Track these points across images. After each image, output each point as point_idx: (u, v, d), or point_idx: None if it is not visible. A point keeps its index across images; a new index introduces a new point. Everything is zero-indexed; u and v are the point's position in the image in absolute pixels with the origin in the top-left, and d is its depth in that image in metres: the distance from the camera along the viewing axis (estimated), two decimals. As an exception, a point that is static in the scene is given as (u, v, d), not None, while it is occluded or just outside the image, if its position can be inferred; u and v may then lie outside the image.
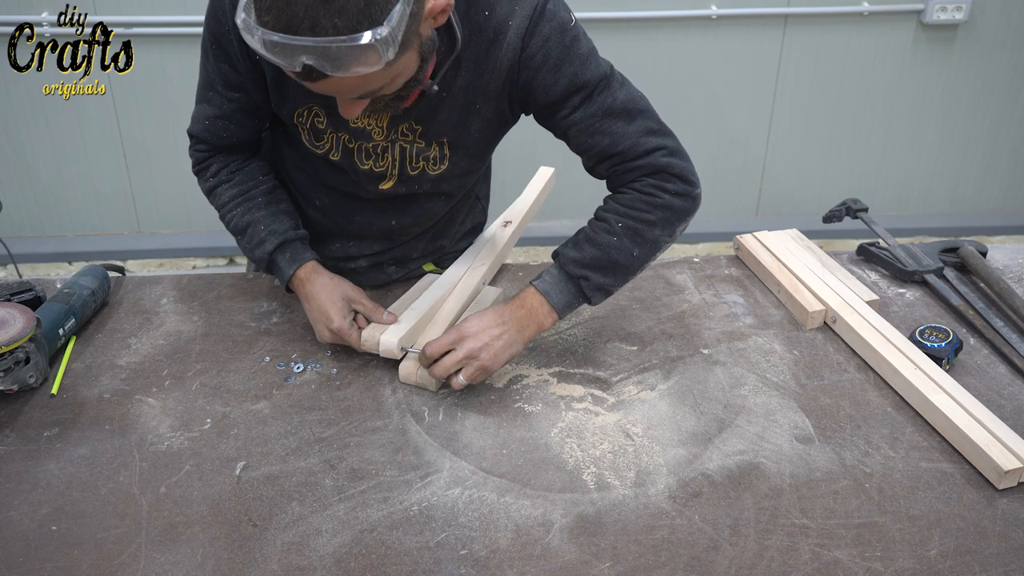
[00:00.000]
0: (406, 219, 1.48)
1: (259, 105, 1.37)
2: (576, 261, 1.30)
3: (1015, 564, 1.04)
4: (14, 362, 1.26)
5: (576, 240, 1.33)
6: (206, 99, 1.38)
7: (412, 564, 1.04)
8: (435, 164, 1.38)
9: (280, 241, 1.39)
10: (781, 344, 1.43)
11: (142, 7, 3.01)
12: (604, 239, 1.30)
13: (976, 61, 3.36)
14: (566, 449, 1.21)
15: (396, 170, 1.39)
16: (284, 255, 1.39)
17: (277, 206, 1.43)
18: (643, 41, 3.24)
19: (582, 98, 1.28)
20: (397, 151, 1.36)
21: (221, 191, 1.43)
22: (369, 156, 1.37)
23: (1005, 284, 1.53)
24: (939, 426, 1.24)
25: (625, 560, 1.04)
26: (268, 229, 1.39)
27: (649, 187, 1.31)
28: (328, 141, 1.37)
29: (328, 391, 1.32)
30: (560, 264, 1.32)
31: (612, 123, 1.29)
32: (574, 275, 1.31)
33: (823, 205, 1.97)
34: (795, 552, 1.05)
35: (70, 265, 3.39)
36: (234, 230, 1.43)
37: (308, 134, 1.37)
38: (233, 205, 1.42)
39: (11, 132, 3.17)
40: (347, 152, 1.38)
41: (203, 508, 1.11)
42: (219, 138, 1.41)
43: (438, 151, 1.37)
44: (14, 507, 1.11)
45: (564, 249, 1.33)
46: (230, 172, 1.44)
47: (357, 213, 1.48)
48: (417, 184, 1.41)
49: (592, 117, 1.29)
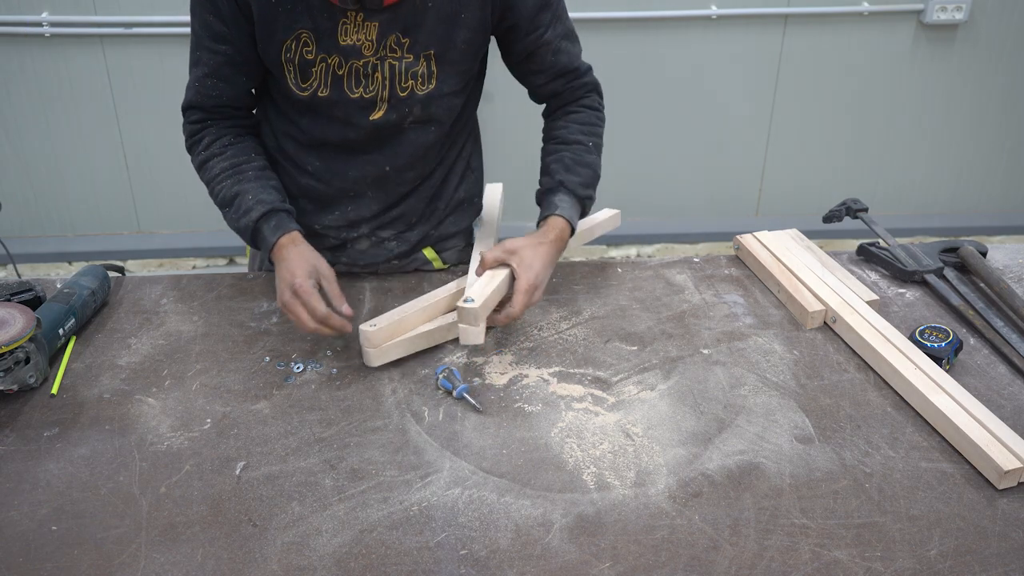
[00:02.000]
0: (398, 161, 1.51)
1: (246, 58, 1.42)
2: (582, 184, 1.49)
3: (1015, 564, 1.04)
4: (14, 362, 1.27)
5: (567, 166, 1.49)
6: (195, 62, 1.44)
7: (412, 564, 1.04)
8: (423, 82, 1.42)
9: (267, 209, 1.41)
10: (781, 344, 1.43)
11: (142, 7, 3.01)
12: (589, 159, 1.52)
13: (976, 61, 3.36)
14: (566, 449, 1.21)
15: (386, 92, 1.42)
16: (269, 223, 1.41)
17: (267, 181, 1.46)
18: (643, 41, 3.24)
19: (551, 17, 1.45)
20: (387, 69, 1.40)
21: (213, 164, 1.46)
22: (359, 81, 1.41)
23: (1005, 284, 1.53)
24: (939, 426, 1.24)
25: (625, 560, 1.04)
26: (256, 199, 1.42)
27: (596, 103, 1.58)
28: (316, 76, 1.40)
29: (328, 391, 1.32)
30: (570, 189, 1.48)
31: (568, 43, 1.50)
32: (582, 196, 1.49)
33: (823, 205, 1.97)
34: (795, 552, 1.05)
35: (70, 265, 3.39)
36: (222, 201, 1.45)
37: (295, 73, 1.40)
38: (223, 177, 1.45)
39: (11, 132, 3.17)
40: (336, 82, 1.41)
41: (203, 508, 1.11)
42: (209, 98, 1.45)
43: (425, 66, 1.41)
44: (14, 507, 1.11)
45: (566, 176, 1.48)
46: (222, 146, 1.47)
47: (350, 167, 1.51)
48: (407, 108, 1.44)
49: (558, 37, 1.47)
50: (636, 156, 3.44)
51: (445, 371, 1.32)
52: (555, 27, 1.46)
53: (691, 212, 3.62)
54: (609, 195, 3.50)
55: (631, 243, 3.59)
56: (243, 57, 1.42)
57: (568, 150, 1.51)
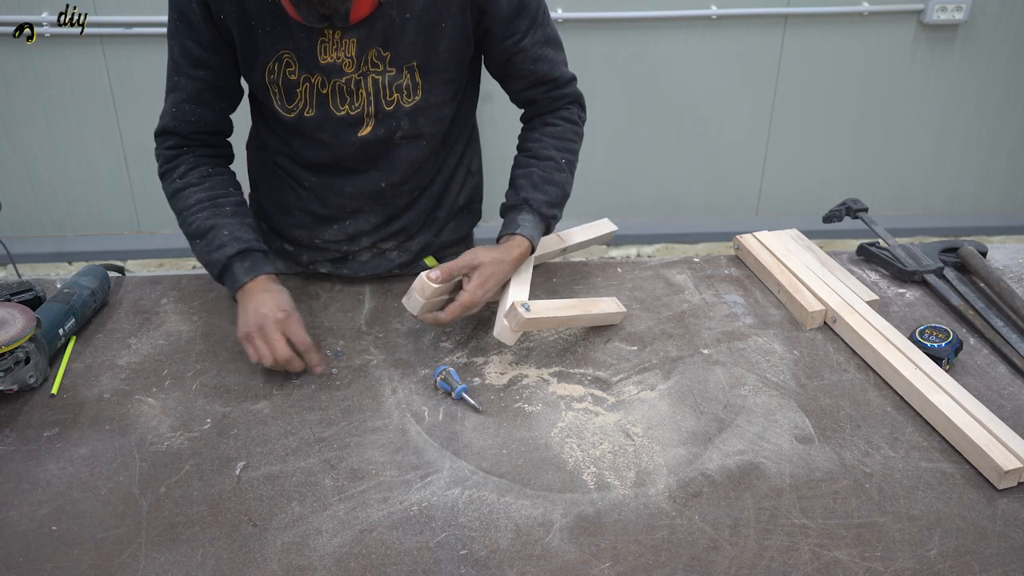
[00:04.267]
0: (393, 176, 1.50)
1: (226, 82, 1.41)
2: (547, 203, 1.47)
3: (1015, 564, 1.04)
4: (14, 362, 1.27)
5: (535, 183, 1.47)
6: (173, 87, 1.42)
7: (412, 564, 1.04)
8: (409, 95, 1.41)
9: (242, 248, 1.38)
10: (781, 344, 1.43)
11: (142, 7, 3.01)
12: (559, 177, 1.49)
13: (976, 61, 3.36)
14: (566, 449, 1.21)
15: (372, 108, 1.41)
16: (243, 263, 1.38)
17: (243, 218, 1.43)
18: (643, 41, 3.24)
19: (529, 23, 1.42)
20: (370, 84, 1.39)
21: (189, 193, 1.43)
22: (344, 99, 1.40)
23: (1005, 284, 1.53)
24: (939, 426, 1.24)
25: (625, 560, 1.04)
26: (232, 235, 1.39)
27: (575, 116, 1.53)
28: (301, 96, 1.39)
29: (328, 391, 1.32)
30: (535, 208, 1.46)
31: (549, 51, 1.47)
32: (547, 215, 1.47)
33: (823, 205, 1.97)
34: (795, 552, 1.05)
35: (70, 265, 3.39)
36: (195, 232, 1.42)
37: (280, 94, 1.39)
38: (199, 208, 1.42)
39: (11, 132, 3.17)
40: (321, 101, 1.40)
41: (203, 508, 1.11)
42: (187, 123, 1.43)
43: (409, 78, 1.40)
44: (14, 507, 1.11)
45: (532, 194, 1.46)
46: (201, 176, 1.44)
47: (346, 183, 1.50)
48: (395, 122, 1.43)
49: (537, 44, 1.44)
50: (636, 156, 3.44)
51: (443, 373, 1.32)
52: (534, 34, 1.43)
53: (691, 212, 3.62)
54: (609, 195, 3.51)
55: (631, 243, 3.59)
56: (224, 82, 1.41)
57: (538, 166, 1.49)
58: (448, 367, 1.33)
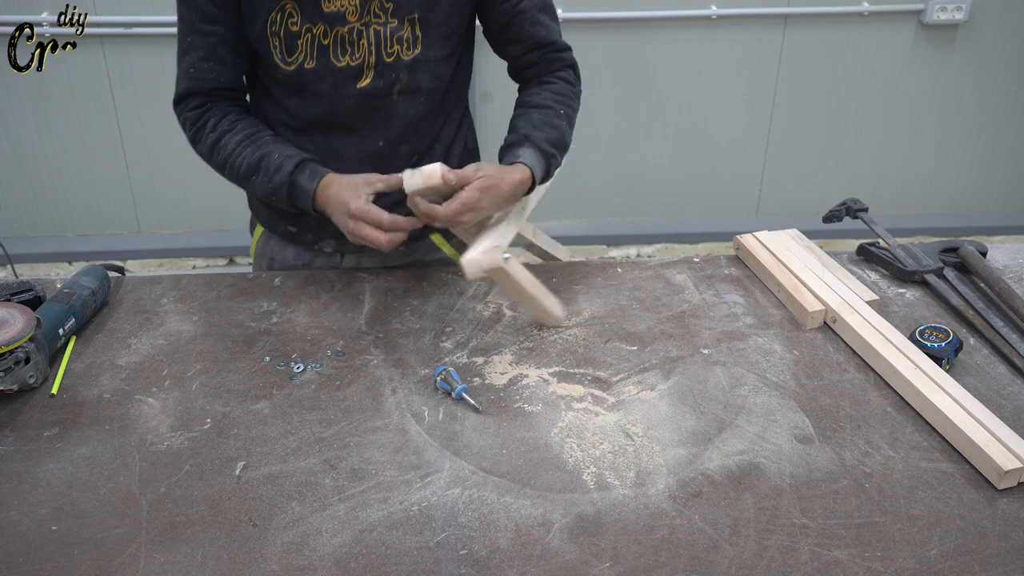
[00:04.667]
0: (390, 134, 1.51)
1: (236, 37, 1.43)
2: (548, 141, 1.46)
3: (1015, 564, 1.04)
4: (14, 362, 1.27)
5: (535, 124, 1.47)
6: (186, 48, 1.45)
7: (412, 564, 1.04)
8: (409, 47, 1.43)
9: (298, 160, 1.42)
10: (781, 344, 1.43)
11: (142, 7, 3.02)
12: (558, 123, 1.49)
13: (976, 61, 3.36)
14: (566, 449, 1.21)
15: (372, 59, 1.43)
16: (303, 173, 1.42)
17: (285, 142, 1.47)
18: (643, 41, 3.24)
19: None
20: (371, 34, 1.41)
21: (226, 140, 1.46)
22: (345, 49, 1.42)
23: (1005, 284, 1.53)
24: (939, 426, 1.24)
25: (625, 560, 1.05)
26: (283, 155, 1.43)
27: (572, 78, 1.57)
28: (301, 48, 1.41)
29: (328, 391, 1.32)
30: (535, 143, 1.44)
31: (545, 16, 1.52)
32: (548, 153, 1.45)
33: (823, 205, 1.97)
34: (795, 552, 1.05)
35: (70, 265, 3.39)
36: (247, 170, 1.45)
37: (281, 46, 1.41)
38: (242, 148, 1.45)
39: (11, 132, 3.17)
40: (322, 52, 1.42)
41: (203, 508, 1.11)
42: (206, 81, 1.45)
43: (410, 30, 1.42)
44: (14, 507, 1.11)
45: (533, 131, 1.45)
46: (231, 122, 1.48)
47: (344, 146, 1.51)
48: (394, 74, 1.45)
49: (534, 8, 1.49)
50: (636, 156, 3.44)
51: (443, 373, 1.32)
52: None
53: (691, 212, 3.62)
54: (609, 195, 3.51)
55: (631, 243, 3.59)
56: (235, 36, 1.43)
57: (537, 112, 1.49)
58: (448, 367, 1.33)
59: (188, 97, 1.48)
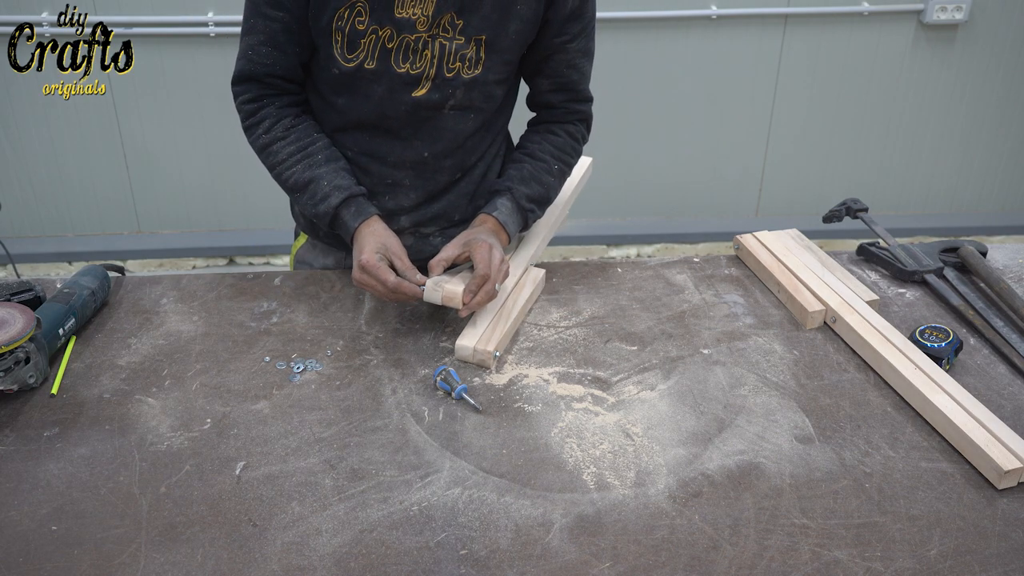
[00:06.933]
0: (436, 147, 1.51)
1: (300, 26, 1.42)
2: (528, 197, 1.51)
3: (1015, 564, 1.04)
4: (14, 362, 1.27)
5: (523, 177, 1.52)
6: (249, 29, 1.45)
7: (412, 564, 1.04)
8: (470, 66, 1.43)
9: (345, 196, 1.44)
10: (781, 344, 1.43)
11: (142, 7, 3.02)
12: (546, 179, 1.53)
13: (976, 61, 3.36)
14: (566, 449, 1.21)
15: (433, 71, 1.43)
16: (349, 209, 1.45)
17: (337, 163, 1.48)
18: (643, 41, 3.24)
19: (580, 29, 1.46)
20: (437, 47, 1.41)
21: (277, 148, 1.48)
22: (407, 57, 1.42)
23: (1005, 284, 1.53)
24: (939, 426, 1.24)
25: (625, 560, 1.05)
26: (332, 184, 1.45)
27: (580, 134, 1.58)
28: (364, 47, 1.41)
29: (328, 391, 1.32)
30: (514, 198, 1.51)
31: (585, 62, 1.51)
32: (525, 208, 1.51)
33: (823, 205, 1.97)
34: (795, 552, 1.05)
35: (70, 265, 3.39)
36: (293, 186, 1.48)
37: (343, 43, 1.41)
38: (292, 162, 1.47)
39: (11, 132, 3.17)
40: (384, 55, 1.42)
41: (203, 508, 1.11)
42: (262, 66, 1.45)
43: (475, 51, 1.42)
44: (14, 507, 1.11)
45: (516, 185, 1.51)
46: (285, 129, 1.48)
47: (388, 151, 1.51)
48: (451, 89, 1.45)
49: (578, 52, 1.49)
50: (636, 156, 3.44)
51: (442, 373, 1.32)
52: (579, 40, 1.47)
53: (691, 212, 3.62)
54: (609, 195, 3.51)
55: (631, 243, 3.59)
56: (299, 25, 1.42)
57: (530, 164, 1.54)
58: (448, 367, 1.33)
59: (244, 81, 1.48)
